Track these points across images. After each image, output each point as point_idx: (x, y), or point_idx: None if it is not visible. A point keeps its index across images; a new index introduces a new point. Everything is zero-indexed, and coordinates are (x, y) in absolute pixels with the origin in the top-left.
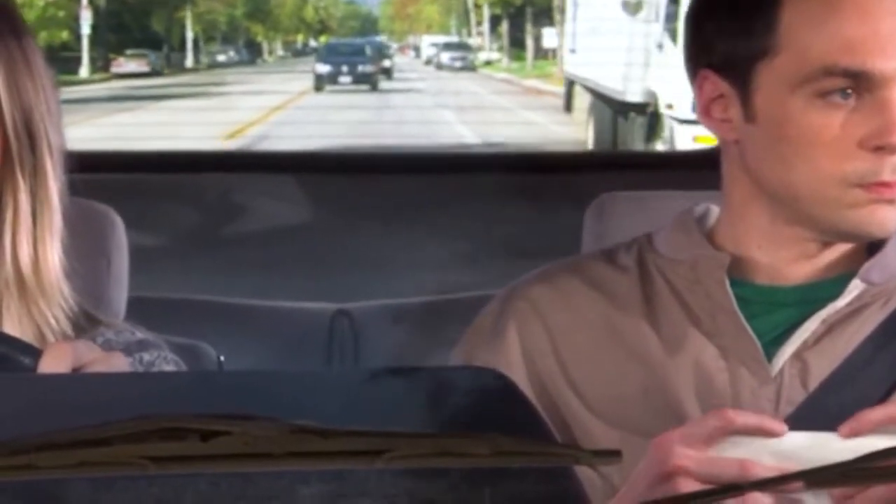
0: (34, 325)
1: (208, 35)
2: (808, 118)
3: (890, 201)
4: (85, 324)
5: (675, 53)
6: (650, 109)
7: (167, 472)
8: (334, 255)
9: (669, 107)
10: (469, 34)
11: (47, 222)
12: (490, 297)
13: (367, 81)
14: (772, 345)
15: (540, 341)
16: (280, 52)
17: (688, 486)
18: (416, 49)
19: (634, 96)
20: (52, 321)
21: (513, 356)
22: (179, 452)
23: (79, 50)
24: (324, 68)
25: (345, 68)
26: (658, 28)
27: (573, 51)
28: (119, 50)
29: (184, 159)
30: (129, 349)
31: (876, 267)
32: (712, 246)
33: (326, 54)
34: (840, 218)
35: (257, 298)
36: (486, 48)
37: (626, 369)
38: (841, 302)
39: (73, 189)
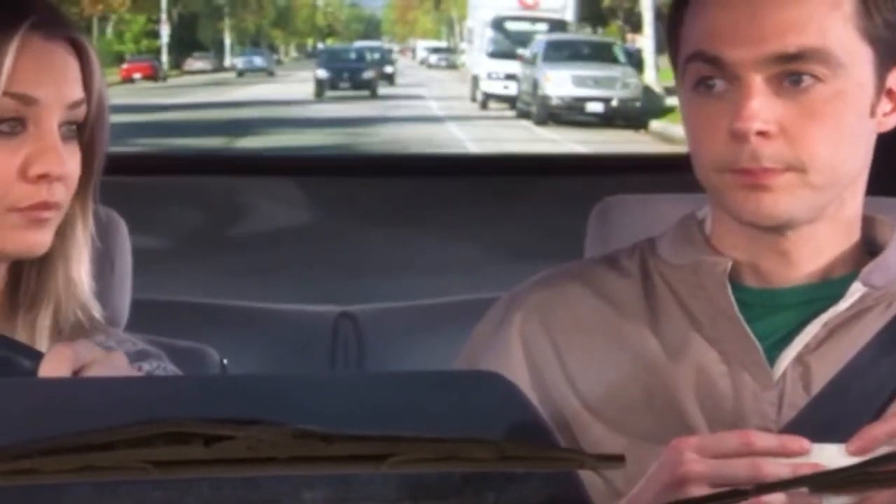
0: (53, 334)
1: (240, 40)
2: (689, 108)
3: (760, 187)
4: (87, 328)
5: (481, 59)
6: (477, 77)
7: (171, 476)
8: (338, 258)
9: (478, 75)
10: (456, 40)
11: (84, 243)
12: (493, 301)
13: (367, 87)
14: (774, 348)
15: (542, 346)
16: (294, 54)
17: (699, 491)
18: (413, 51)
19: (474, 70)
20: (67, 329)
21: (516, 361)
22: (183, 457)
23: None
24: (324, 74)
25: (345, 74)
26: (480, 46)
27: (470, 55)
28: (179, 53)
29: (188, 162)
30: (128, 358)
31: (877, 270)
32: (715, 250)
33: (326, 60)
34: (728, 204)
35: (261, 301)
36: (468, 51)
37: (629, 374)
38: (842, 305)
39: None
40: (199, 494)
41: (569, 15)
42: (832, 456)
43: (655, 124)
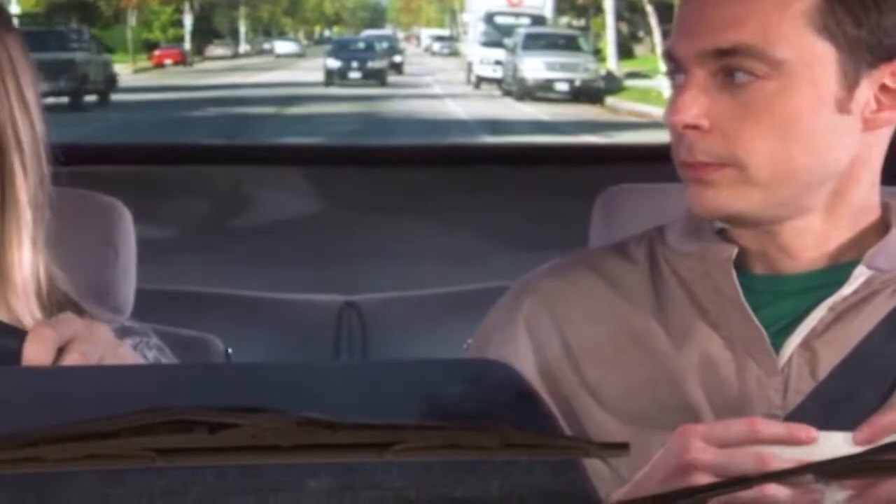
0: (11, 321)
1: (253, 28)
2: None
3: (700, 181)
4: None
5: (474, 47)
6: (471, 62)
7: (175, 464)
8: (342, 248)
9: (472, 61)
10: (458, 29)
11: (13, 225)
12: (497, 290)
13: (377, 77)
14: (780, 335)
15: (549, 334)
16: (303, 42)
17: (703, 479)
18: (418, 39)
19: (470, 59)
20: (28, 317)
21: (522, 348)
22: (187, 445)
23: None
24: (334, 63)
25: (355, 64)
26: (473, 37)
27: (466, 44)
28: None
29: (191, 151)
30: None
31: (881, 253)
32: (723, 238)
33: (337, 50)
34: (686, 196)
35: (265, 290)
36: (464, 41)
37: (635, 362)
38: (847, 289)
39: (80, 182)
40: (203, 482)
41: (547, 11)
42: (839, 444)
43: (610, 100)
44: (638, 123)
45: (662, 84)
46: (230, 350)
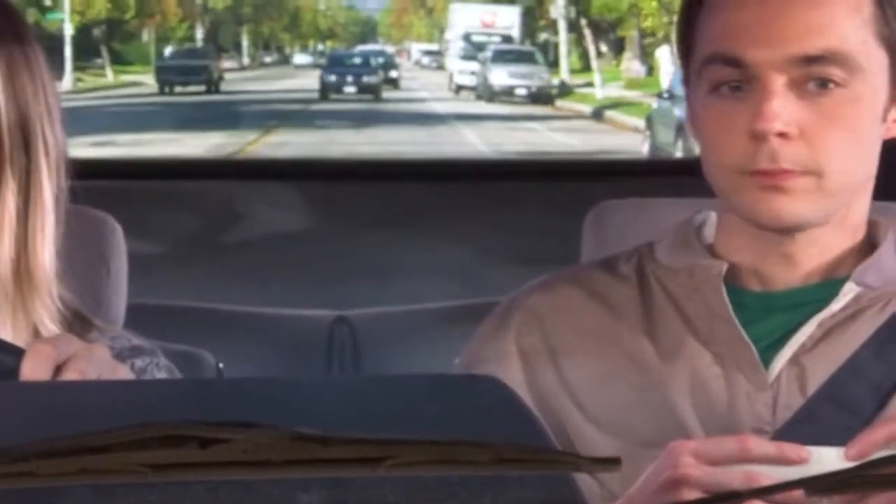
0: (28, 324)
1: (254, 42)
2: (706, 110)
3: (777, 189)
4: (79, 328)
5: (455, 60)
6: (451, 73)
7: (167, 479)
8: (333, 262)
9: (453, 71)
10: (445, 45)
11: (38, 223)
12: (489, 305)
13: (372, 92)
14: (770, 350)
15: (538, 350)
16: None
17: (691, 495)
18: (409, 53)
19: (451, 69)
20: (47, 321)
21: (511, 365)
22: (179, 460)
23: None
24: (329, 78)
25: (349, 79)
26: (454, 52)
27: (448, 57)
28: None
29: (184, 166)
30: (121, 355)
31: (870, 270)
32: (711, 254)
33: (332, 65)
34: (742, 206)
35: (256, 305)
36: (446, 56)
37: (624, 379)
38: (836, 305)
39: (73, 196)
40: (195, 497)
41: (515, 32)
42: (830, 459)
43: (559, 102)
44: (568, 116)
45: (597, 91)
46: (222, 365)
